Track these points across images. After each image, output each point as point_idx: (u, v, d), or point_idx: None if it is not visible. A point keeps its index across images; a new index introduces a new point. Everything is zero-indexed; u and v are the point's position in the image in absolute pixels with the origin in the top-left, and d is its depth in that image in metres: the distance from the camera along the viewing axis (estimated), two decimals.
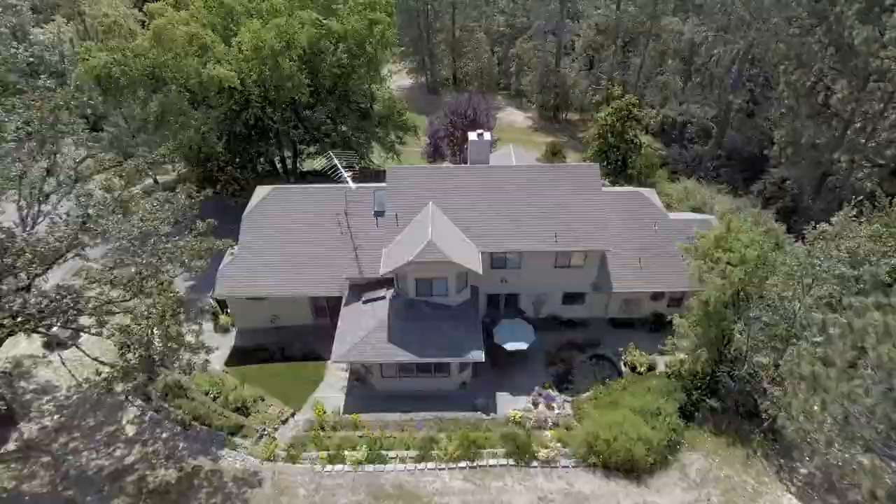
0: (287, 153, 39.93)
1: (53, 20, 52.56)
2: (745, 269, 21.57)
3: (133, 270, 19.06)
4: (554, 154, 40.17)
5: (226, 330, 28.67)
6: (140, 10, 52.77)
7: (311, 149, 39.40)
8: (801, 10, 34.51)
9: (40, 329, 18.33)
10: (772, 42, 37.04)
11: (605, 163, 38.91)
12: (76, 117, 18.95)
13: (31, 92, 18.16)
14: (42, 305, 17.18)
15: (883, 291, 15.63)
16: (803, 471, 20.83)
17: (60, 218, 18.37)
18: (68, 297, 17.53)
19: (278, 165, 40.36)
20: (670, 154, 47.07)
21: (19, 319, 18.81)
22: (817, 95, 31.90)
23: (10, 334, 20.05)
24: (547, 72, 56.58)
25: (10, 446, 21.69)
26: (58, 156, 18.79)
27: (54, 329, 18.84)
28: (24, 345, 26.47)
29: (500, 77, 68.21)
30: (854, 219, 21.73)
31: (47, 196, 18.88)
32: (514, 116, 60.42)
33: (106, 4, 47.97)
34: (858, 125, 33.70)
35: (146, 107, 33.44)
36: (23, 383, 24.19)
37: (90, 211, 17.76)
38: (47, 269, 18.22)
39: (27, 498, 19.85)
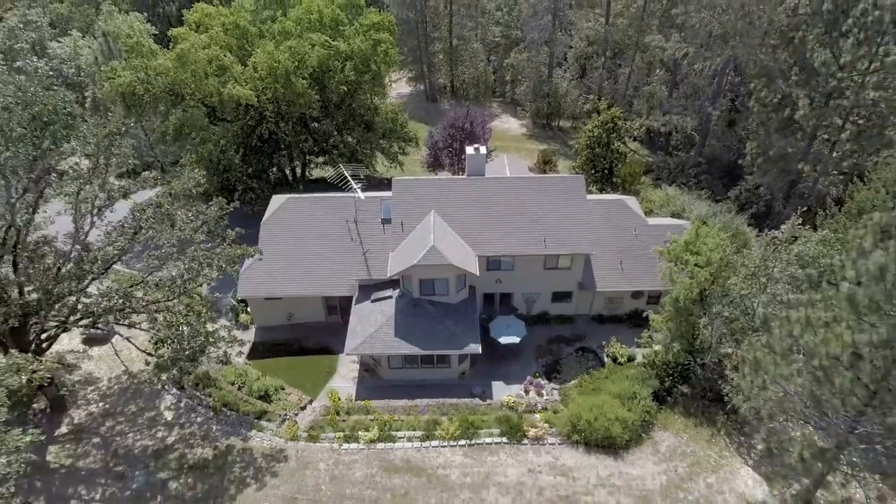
0: (297, 163, 42.80)
1: (70, 34, 55.13)
2: (710, 271, 24.58)
3: (175, 274, 21.95)
4: (546, 163, 43.07)
5: (245, 327, 31.40)
6: (153, 24, 55.58)
7: (320, 159, 42.30)
8: (773, 28, 37.63)
9: (98, 325, 21.20)
10: (751, 56, 40.07)
11: (593, 171, 41.89)
12: (125, 140, 21.71)
13: (91, 118, 20.89)
14: (102, 304, 20.03)
15: (814, 289, 18.60)
16: (760, 447, 23.78)
17: (114, 229, 21.22)
18: (122, 298, 20.38)
19: (288, 174, 43.21)
20: (655, 161, 50.16)
21: (76, 317, 21.75)
22: (784, 110, 34.88)
23: (65, 330, 22.99)
24: (540, 82, 59.40)
25: (64, 429, 24.54)
26: (108, 174, 21.60)
27: (110, 324, 21.60)
28: (66, 341, 29.30)
29: (495, 85, 70.91)
30: (801, 226, 24.64)
31: (99, 210, 21.70)
32: (509, 124, 63.20)
33: (121, 20, 50.68)
34: (825, 137, 36.70)
35: (166, 120, 36.30)
36: (68, 375, 26.98)
37: (142, 224, 20.67)
38: (103, 273, 21.09)
39: (83, 473, 22.73)
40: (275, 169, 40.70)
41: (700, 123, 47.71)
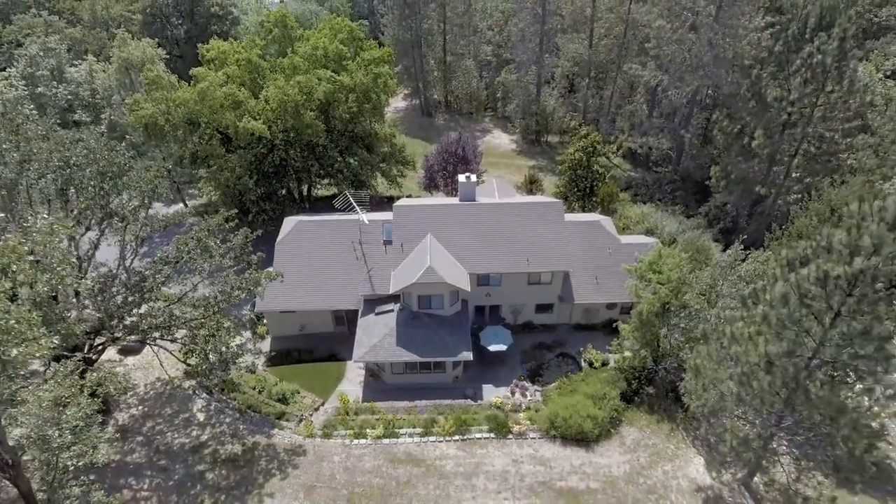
0: (304, 185, 46.47)
1: (85, 59, 58.50)
2: (669, 287, 28.42)
3: (209, 294, 25.64)
4: (532, 182, 46.89)
5: (262, 337, 34.96)
6: (162, 47, 59.00)
7: (325, 181, 46.01)
8: (737, 60, 41.55)
9: (147, 340, 24.91)
10: (721, 82, 43.99)
11: (576, 190, 45.71)
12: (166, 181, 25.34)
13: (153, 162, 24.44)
14: (149, 322, 23.76)
15: (746, 307, 22.46)
16: (712, 439, 27.67)
17: (160, 259, 24.90)
18: (166, 316, 24.11)
19: (295, 195, 46.84)
20: (635, 177, 54.08)
21: (125, 332, 25.43)
22: (743, 139, 38.78)
23: (114, 342, 26.64)
24: (528, 101, 63.15)
25: (110, 429, 28.14)
26: (151, 210, 25.26)
27: (155, 339, 25.30)
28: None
29: (487, 101, 74.70)
30: (743, 250, 28.48)
31: (142, 241, 25.37)
32: (500, 139, 66.80)
33: (134, 46, 54.15)
34: (782, 162, 40.65)
35: (184, 145, 39.84)
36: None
37: (183, 255, 24.37)
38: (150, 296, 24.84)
39: (131, 466, 26.41)
40: (283, 190, 44.30)
41: (674, 144, 51.62)
